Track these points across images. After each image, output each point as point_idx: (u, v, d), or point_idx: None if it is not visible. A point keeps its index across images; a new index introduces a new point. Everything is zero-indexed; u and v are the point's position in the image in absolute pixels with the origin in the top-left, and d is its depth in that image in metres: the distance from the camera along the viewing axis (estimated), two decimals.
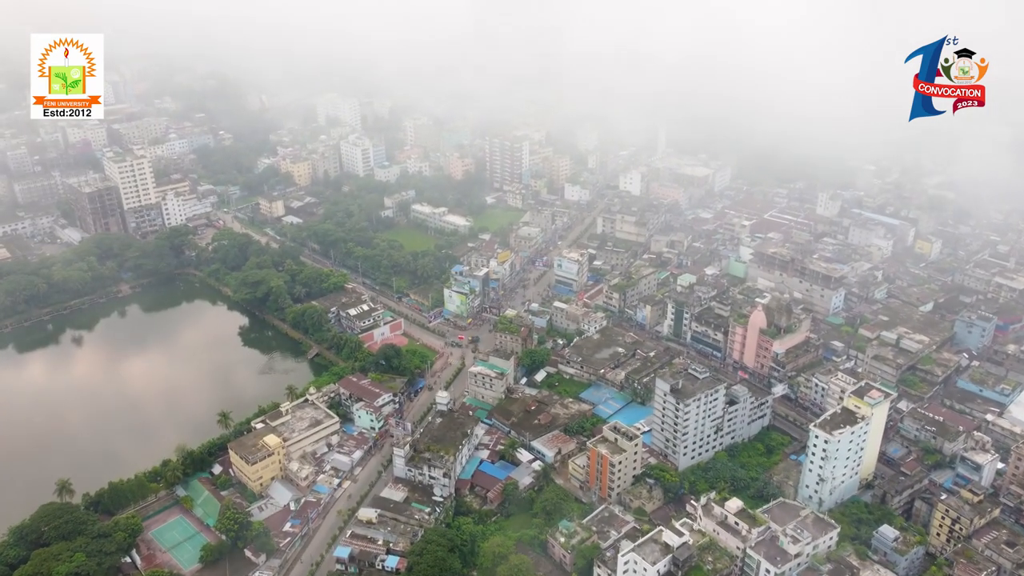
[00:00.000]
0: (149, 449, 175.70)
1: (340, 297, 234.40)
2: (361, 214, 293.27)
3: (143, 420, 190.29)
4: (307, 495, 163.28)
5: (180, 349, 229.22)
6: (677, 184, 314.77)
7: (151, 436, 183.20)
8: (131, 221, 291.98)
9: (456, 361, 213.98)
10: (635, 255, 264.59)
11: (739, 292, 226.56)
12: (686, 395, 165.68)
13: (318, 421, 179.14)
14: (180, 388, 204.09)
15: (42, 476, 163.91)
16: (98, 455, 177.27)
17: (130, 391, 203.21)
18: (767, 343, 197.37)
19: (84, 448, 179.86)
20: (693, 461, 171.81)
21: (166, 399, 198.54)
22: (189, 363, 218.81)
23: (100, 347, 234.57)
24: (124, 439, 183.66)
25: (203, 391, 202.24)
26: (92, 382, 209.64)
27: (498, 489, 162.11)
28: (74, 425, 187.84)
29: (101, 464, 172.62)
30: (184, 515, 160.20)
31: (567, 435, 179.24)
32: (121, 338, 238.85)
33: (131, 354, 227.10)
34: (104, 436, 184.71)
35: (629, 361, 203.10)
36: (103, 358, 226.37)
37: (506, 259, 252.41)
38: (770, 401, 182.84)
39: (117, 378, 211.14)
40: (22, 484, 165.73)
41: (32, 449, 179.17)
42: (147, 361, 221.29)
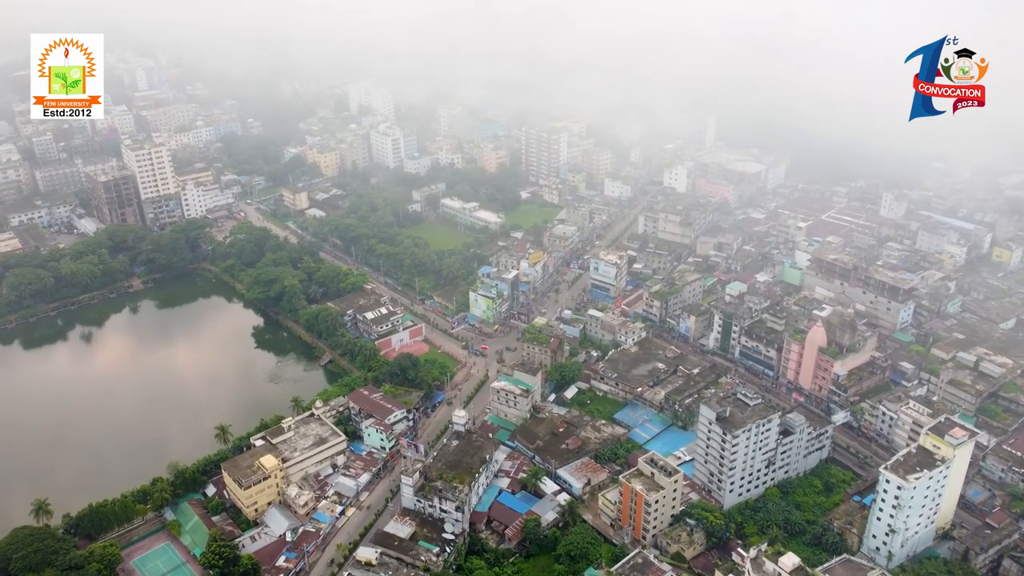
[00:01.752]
0: (140, 464, 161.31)
1: (358, 299, 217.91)
2: (387, 208, 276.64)
3: (138, 430, 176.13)
4: (306, 524, 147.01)
5: (187, 350, 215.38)
6: (726, 181, 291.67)
7: (144, 449, 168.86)
8: (149, 212, 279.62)
9: (479, 372, 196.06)
10: (679, 258, 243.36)
11: (795, 303, 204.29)
12: (734, 425, 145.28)
13: (323, 439, 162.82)
14: (181, 395, 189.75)
15: (22, 491, 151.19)
16: (85, 469, 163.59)
17: (128, 396, 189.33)
18: (827, 363, 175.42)
19: (71, 461, 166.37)
20: (740, 499, 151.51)
21: (165, 407, 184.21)
22: (195, 366, 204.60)
23: (103, 347, 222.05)
24: (115, 451, 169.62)
25: (206, 399, 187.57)
26: (89, 385, 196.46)
27: (518, 526, 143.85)
28: (64, 434, 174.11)
29: (87, 479, 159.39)
30: (171, 542, 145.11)
31: (598, 463, 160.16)
32: (126, 337, 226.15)
33: (134, 355, 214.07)
34: (94, 447, 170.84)
35: (670, 379, 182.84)
36: (104, 359, 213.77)
37: (538, 260, 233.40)
38: (830, 431, 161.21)
39: (115, 382, 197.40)
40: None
41: (14, 461, 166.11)
42: (150, 363, 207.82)
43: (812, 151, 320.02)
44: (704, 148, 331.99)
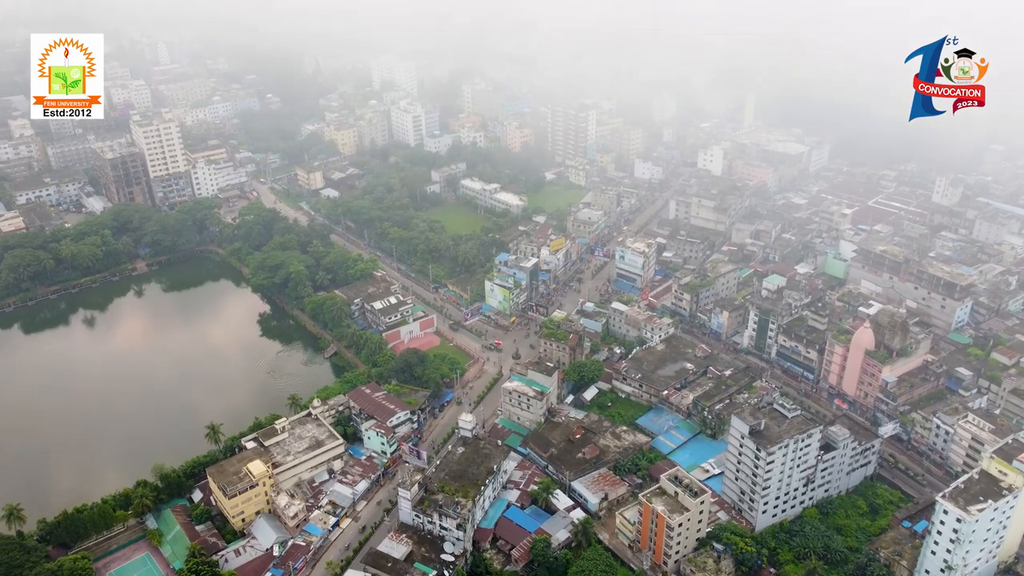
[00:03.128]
0: (126, 464, 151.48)
1: (367, 286, 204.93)
2: (403, 189, 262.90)
3: (127, 426, 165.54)
4: (296, 537, 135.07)
5: (188, 338, 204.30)
6: (765, 163, 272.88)
7: (131, 447, 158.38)
8: (158, 191, 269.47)
9: (493, 369, 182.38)
10: (712, 247, 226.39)
11: (838, 298, 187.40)
12: (770, 440, 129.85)
13: (319, 442, 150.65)
14: (176, 387, 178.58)
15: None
16: (67, 469, 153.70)
17: (120, 387, 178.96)
18: (874, 368, 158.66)
19: (52, 459, 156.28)
20: (774, 519, 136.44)
21: (158, 400, 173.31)
22: (194, 356, 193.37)
23: (101, 333, 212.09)
24: (101, 449, 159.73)
25: (201, 392, 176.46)
26: (81, 375, 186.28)
27: (525, 546, 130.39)
28: (47, 428, 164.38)
29: (68, 480, 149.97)
30: (151, 553, 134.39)
31: (617, 475, 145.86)
32: (127, 323, 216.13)
33: (132, 342, 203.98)
34: (79, 444, 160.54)
35: (699, 381, 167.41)
36: (101, 347, 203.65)
37: (560, 247, 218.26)
38: (877, 446, 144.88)
39: (109, 371, 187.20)
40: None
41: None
42: (148, 351, 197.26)
43: (859, 131, 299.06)
44: (742, 128, 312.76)
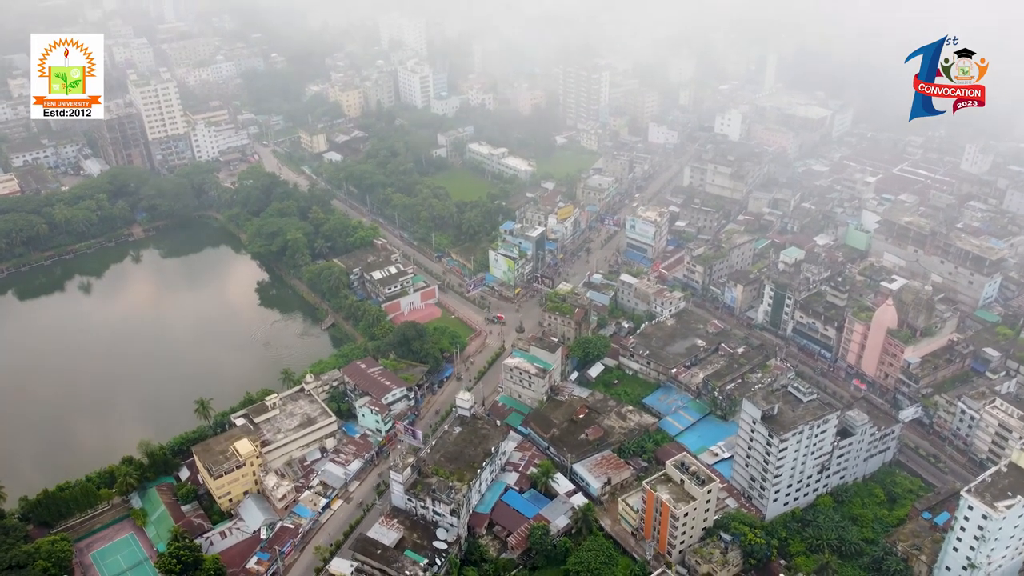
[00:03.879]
0: (114, 439, 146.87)
1: (366, 255, 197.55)
2: (408, 153, 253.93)
3: (117, 399, 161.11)
4: (284, 519, 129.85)
5: (184, 306, 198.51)
6: (786, 127, 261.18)
7: (119, 422, 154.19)
8: (156, 153, 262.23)
9: (495, 343, 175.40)
10: (728, 216, 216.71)
11: (859, 272, 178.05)
12: (783, 426, 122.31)
13: (311, 419, 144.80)
14: (169, 358, 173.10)
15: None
16: (52, 443, 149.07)
17: (111, 358, 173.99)
18: (896, 348, 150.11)
19: (38, 433, 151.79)
20: (786, 507, 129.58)
21: (149, 373, 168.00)
22: (189, 325, 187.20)
23: (95, 301, 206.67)
24: (88, 423, 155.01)
25: (194, 364, 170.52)
26: (72, 344, 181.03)
27: (523, 532, 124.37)
28: (35, 401, 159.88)
29: (53, 455, 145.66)
30: (135, 533, 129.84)
31: (621, 458, 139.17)
32: (121, 291, 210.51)
33: (126, 312, 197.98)
34: (67, 417, 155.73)
35: (710, 359, 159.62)
36: (93, 315, 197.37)
37: (568, 215, 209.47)
38: (897, 432, 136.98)
39: (101, 341, 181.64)
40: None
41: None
42: (141, 320, 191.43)
43: (885, 95, 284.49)
44: (762, 90, 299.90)
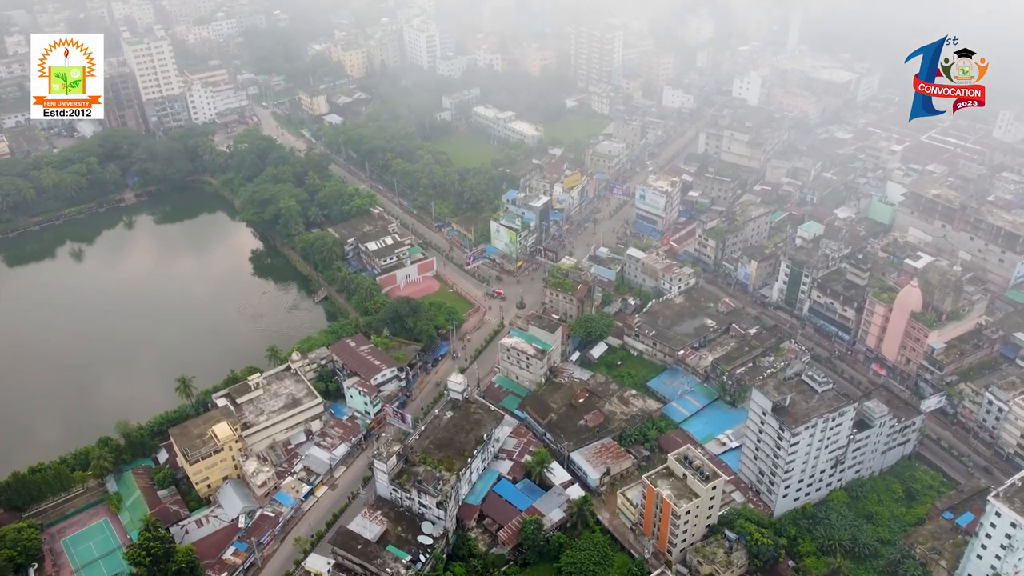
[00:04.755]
0: (93, 418, 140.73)
1: (362, 224, 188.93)
2: (411, 117, 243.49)
3: (97, 375, 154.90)
4: (265, 506, 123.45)
5: (174, 277, 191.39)
6: (808, 92, 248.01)
7: (99, 399, 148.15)
8: (151, 115, 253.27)
9: (494, 319, 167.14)
10: (744, 186, 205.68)
11: (882, 248, 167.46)
12: (796, 419, 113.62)
13: (296, 400, 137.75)
14: (154, 332, 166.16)
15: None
16: (27, 424, 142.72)
17: (95, 332, 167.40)
18: (920, 332, 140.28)
19: (14, 412, 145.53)
20: (796, 503, 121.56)
21: (133, 346, 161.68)
22: (177, 297, 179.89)
23: (82, 269, 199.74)
24: (67, 402, 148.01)
25: (179, 339, 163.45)
26: (55, 315, 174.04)
27: (514, 526, 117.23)
28: (13, 376, 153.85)
29: (29, 435, 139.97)
30: (110, 519, 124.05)
31: (622, 447, 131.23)
32: (110, 259, 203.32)
33: (112, 282, 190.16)
34: (45, 396, 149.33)
35: (720, 340, 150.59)
36: (79, 285, 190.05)
37: (575, 184, 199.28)
38: (919, 423, 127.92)
39: (86, 312, 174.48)
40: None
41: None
42: (128, 291, 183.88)
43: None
44: (784, 52, 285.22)
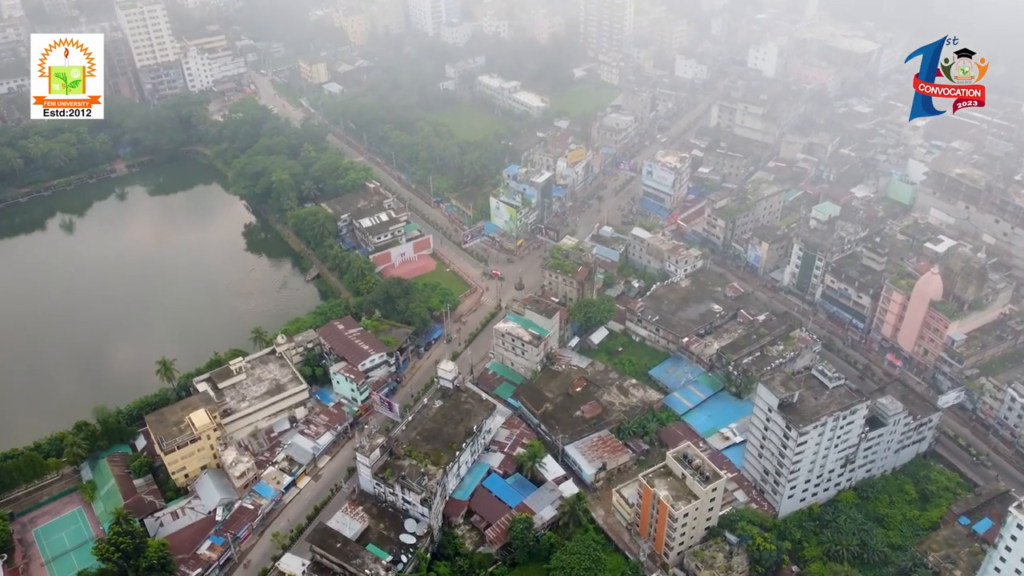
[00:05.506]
0: (72, 401, 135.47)
1: (357, 199, 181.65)
2: (413, 86, 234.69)
3: (78, 356, 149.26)
4: (244, 498, 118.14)
5: (162, 252, 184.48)
6: (827, 62, 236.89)
7: (79, 381, 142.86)
8: (146, 82, 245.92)
9: (492, 301, 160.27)
10: (757, 162, 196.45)
11: (901, 231, 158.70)
12: (804, 417, 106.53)
13: (281, 386, 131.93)
14: (139, 311, 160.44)
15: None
16: (2, 410, 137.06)
17: (78, 308, 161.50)
18: (939, 323, 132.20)
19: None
20: (802, 504, 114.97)
21: (117, 325, 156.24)
22: (165, 273, 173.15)
23: (70, 243, 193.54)
24: (46, 383, 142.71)
25: (164, 319, 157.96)
26: (38, 290, 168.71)
27: (503, 525, 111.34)
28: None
29: (3, 420, 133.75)
30: (83, 508, 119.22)
31: (620, 440, 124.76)
32: (97, 234, 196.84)
33: (97, 258, 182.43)
34: (21, 376, 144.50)
35: (727, 327, 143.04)
36: (62, 260, 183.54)
37: (579, 159, 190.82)
38: (935, 420, 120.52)
39: (70, 288, 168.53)
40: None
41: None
42: (114, 267, 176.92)
43: (941, 26, 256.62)
44: (803, 20, 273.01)
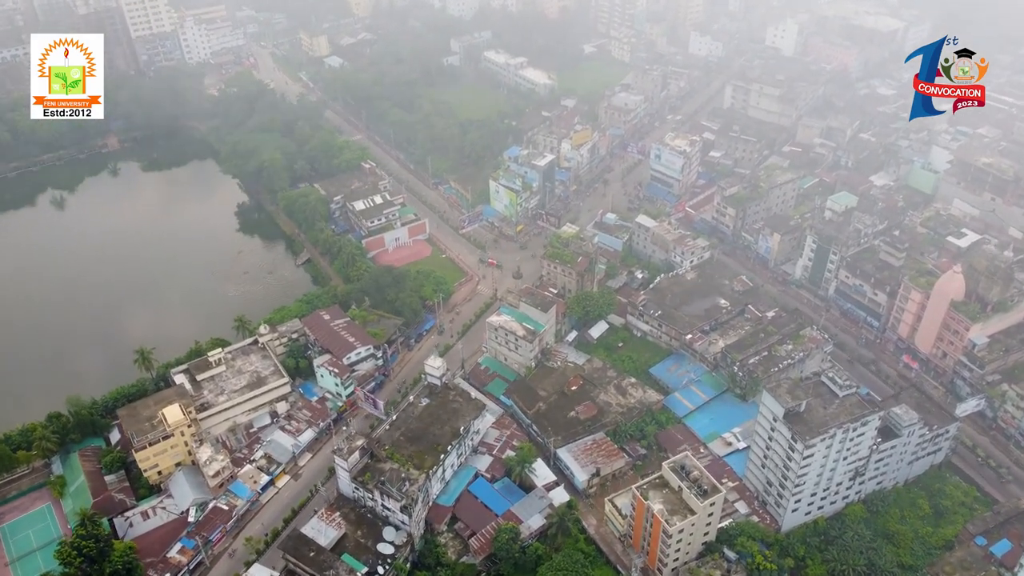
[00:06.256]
0: (46, 391, 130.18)
1: (351, 180, 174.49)
2: (415, 61, 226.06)
3: (58, 341, 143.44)
4: (219, 498, 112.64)
5: (151, 232, 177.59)
6: (849, 41, 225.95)
7: (56, 368, 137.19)
8: (141, 54, 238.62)
9: (489, 289, 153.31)
10: (771, 146, 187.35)
11: (922, 223, 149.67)
12: (811, 429, 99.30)
13: (262, 379, 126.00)
14: (124, 294, 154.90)
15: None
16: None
17: (60, 290, 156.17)
18: (960, 324, 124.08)
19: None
20: (807, 517, 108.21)
21: (100, 310, 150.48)
22: (153, 254, 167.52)
23: (56, 221, 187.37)
24: (22, 371, 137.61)
25: (147, 304, 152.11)
26: (20, 271, 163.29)
27: (488, 534, 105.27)
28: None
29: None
30: (53, 505, 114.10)
31: (615, 443, 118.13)
32: (82, 212, 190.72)
33: (83, 238, 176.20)
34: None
35: (733, 323, 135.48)
36: (48, 239, 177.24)
37: (584, 141, 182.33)
38: (953, 431, 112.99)
39: (50, 273, 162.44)
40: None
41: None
42: (99, 251, 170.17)
43: (970, 4, 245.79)
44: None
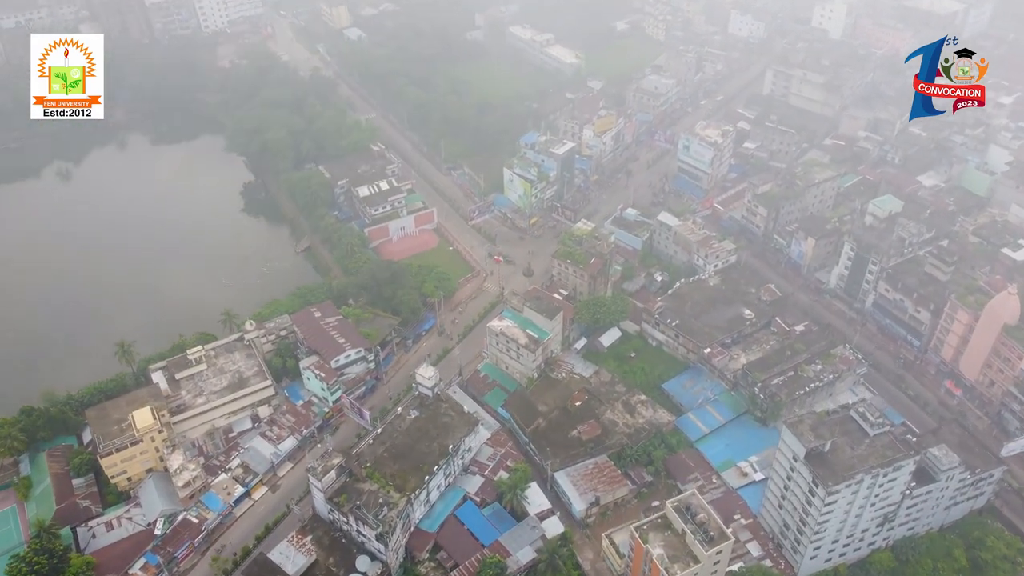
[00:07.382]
0: (24, 383, 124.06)
1: (358, 163, 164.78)
2: (435, 35, 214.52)
3: (41, 328, 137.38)
4: (189, 510, 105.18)
5: (151, 211, 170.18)
6: (903, 24, 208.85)
7: (36, 358, 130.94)
8: (156, 22, 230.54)
9: (495, 287, 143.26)
10: (812, 139, 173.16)
11: (974, 232, 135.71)
12: (836, 472, 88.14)
13: (244, 380, 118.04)
14: (110, 283, 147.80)
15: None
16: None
17: (49, 272, 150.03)
18: (1013, 351, 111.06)
19: None
20: (827, 564, 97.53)
21: (85, 300, 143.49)
22: (148, 236, 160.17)
23: (50, 196, 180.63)
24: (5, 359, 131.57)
25: (138, 291, 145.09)
26: (7, 251, 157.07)
27: (472, 566, 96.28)
28: None
29: None
30: (17, 508, 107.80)
31: (619, 468, 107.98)
32: (82, 186, 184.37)
33: (78, 215, 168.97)
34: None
35: (758, 337, 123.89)
36: (44, 216, 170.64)
37: (607, 128, 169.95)
38: (998, 475, 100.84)
39: (42, 252, 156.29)
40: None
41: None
42: (96, 227, 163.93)
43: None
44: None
